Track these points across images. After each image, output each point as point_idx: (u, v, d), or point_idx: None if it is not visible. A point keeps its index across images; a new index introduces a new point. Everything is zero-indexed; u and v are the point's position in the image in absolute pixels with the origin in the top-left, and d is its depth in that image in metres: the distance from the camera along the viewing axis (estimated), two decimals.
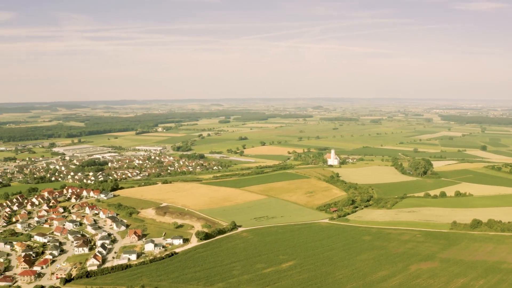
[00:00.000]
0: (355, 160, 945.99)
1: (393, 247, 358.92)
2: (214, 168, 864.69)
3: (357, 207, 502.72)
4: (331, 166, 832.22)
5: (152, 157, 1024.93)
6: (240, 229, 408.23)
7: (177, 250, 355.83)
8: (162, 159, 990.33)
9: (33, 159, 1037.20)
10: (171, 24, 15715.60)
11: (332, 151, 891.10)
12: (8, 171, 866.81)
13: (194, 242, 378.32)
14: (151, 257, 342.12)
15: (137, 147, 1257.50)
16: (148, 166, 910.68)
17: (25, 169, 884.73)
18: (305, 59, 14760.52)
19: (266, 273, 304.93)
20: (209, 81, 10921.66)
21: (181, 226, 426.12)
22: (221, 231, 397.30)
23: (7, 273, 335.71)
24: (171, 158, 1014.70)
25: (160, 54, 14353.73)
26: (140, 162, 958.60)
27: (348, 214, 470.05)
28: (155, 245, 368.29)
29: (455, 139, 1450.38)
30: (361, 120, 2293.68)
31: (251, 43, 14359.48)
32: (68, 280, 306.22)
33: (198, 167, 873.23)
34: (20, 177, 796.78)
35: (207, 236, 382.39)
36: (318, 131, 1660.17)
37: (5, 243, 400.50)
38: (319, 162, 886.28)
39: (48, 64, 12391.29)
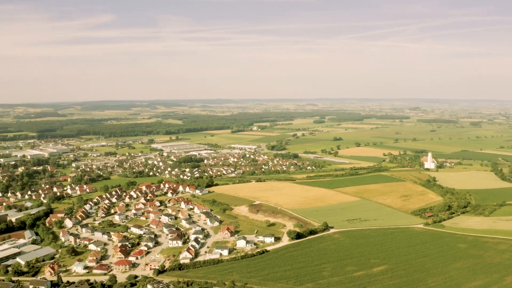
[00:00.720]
0: (452, 164, 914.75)
1: (489, 256, 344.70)
2: (308, 168, 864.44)
3: (453, 213, 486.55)
4: (427, 169, 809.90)
5: (247, 155, 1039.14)
6: (332, 230, 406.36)
7: (268, 248, 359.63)
8: (256, 158, 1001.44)
9: (132, 154, 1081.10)
10: (267, 24, 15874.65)
11: (429, 154, 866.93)
12: (109, 165, 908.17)
13: (285, 241, 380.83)
14: (242, 254, 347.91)
15: (232, 145, 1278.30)
16: (242, 164, 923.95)
17: (124, 163, 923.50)
18: (401, 59, 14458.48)
19: (357, 276, 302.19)
20: (304, 81, 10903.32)
21: (273, 224, 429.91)
22: (313, 232, 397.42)
23: (104, 262, 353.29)
24: (265, 156, 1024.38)
25: (255, 54, 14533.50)
26: (235, 160, 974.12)
27: (444, 220, 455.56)
28: (247, 242, 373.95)
29: None
30: (460, 122, 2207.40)
31: (347, 42, 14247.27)
32: (161, 271, 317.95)
33: (292, 166, 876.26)
34: (120, 171, 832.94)
35: (298, 235, 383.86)
36: (415, 133, 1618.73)
37: (103, 233, 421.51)
38: (415, 165, 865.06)
39: (147, 64, 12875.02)
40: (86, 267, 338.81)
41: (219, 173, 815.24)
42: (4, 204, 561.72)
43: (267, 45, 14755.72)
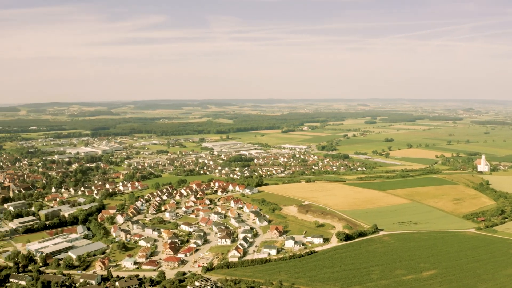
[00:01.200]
0: (507, 167, 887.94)
1: None
2: (358, 169, 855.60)
3: (506, 218, 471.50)
4: (480, 172, 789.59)
5: (297, 156, 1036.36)
6: (381, 233, 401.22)
7: (316, 249, 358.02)
8: (306, 158, 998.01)
9: (183, 153, 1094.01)
10: (317, 24, 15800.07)
11: (483, 157, 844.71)
12: (160, 163, 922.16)
13: (334, 242, 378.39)
14: (290, 254, 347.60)
15: (282, 145, 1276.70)
16: (292, 164, 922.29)
17: (175, 161, 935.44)
18: (453, 58, 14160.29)
19: (405, 280, 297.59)
20: (355, 81, 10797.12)
21: (322, 225, 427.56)
22: (362, 234, 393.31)
23: (153, 258, 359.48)
24: (316, 157, 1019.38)
25: (306, 54, 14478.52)
26: (285, 160, 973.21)
27: (496, 225, 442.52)
28: (295, 242, 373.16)
29: None
30: None
31: (398, 42, 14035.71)
32: (209, 269, 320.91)
33: (342, 167, 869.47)
34: (171, 169, 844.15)
35: (347, 237, 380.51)
36: (468, 134, 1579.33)
37: (153, 230, 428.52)
38: (468, 168, 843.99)
39: (198, 64, 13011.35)
40: (135, 263, 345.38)
41: (268, 172, 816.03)
42: (58, 199, 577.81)
43: (317, 45, 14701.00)
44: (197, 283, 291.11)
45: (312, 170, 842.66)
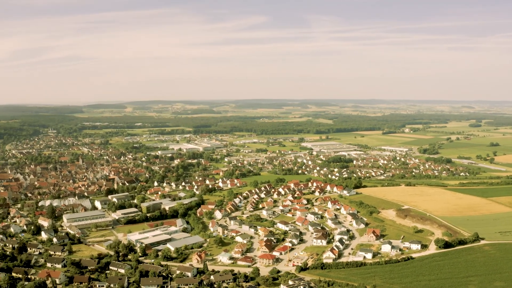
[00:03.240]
0: None
1: None
2: (461, 174, 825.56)
3: None
4: None
5: (397, 158, 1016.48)
6: (482, 242, 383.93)
7: (413, 255, 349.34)
8: (407, 161, 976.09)
9: (282, 152, 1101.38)
10: (419, 22, 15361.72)
11: None
12: (259, 161, 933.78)
13: (432, 249, 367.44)
14: (386, 258, 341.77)
15: (382, 147, 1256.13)
16: (392, 166, 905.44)
17: (274, 160, 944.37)
18: None
19: None
20: (459, 81, 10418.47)
21: (420, 231, 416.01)
22: (462, 242, 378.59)
23: (248, 254, 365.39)
24: (417, 160, 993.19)
25: (407, 54, 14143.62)
26: (385, 162, 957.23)
27: None
28: (392, 247, 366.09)
29: None
30: None
31: (506, 41, 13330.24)
32: (303, 268, 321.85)
33: (444, 171, 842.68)
34: (270, 168, 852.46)
35: (446, 245, 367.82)
36: None
37: (250, 227, 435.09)
38: None
39: (298, 63, 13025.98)
40: (231, 258, 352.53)
41: (367, 174, 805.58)
42: (160, 193, 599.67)
43: (419, 44, 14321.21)
44: (290, 282, 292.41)
45: (413, 173, 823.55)
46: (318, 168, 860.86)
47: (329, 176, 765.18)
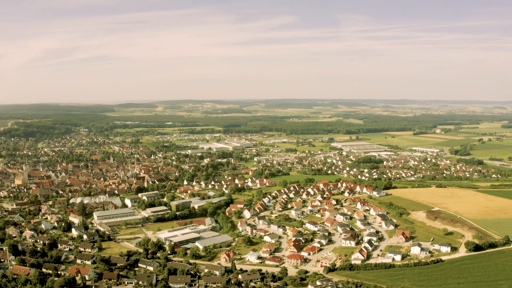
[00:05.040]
0: None
1: None
2: (493, 176, 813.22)
3: None
4: None
5: (428, 159, 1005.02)
6: None
7: (443, 258, 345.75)
8: (438, 162, 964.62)
9: (312, 152, 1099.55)
10: (452, 21, 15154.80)
11: None
12: (289, 161, 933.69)
13: (462, 252, 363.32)
14: (415, 261, 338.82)
15: (413, 148, 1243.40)
16: (423, 167, 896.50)
17: (304, 160, 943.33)
18: None
19: None
20: (491, 81, 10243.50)
21: (450, 233, 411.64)
22: (492, 245, 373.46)
23: (276, 254, 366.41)
24: (448, 161, 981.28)
25: (439, 53, 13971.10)
26: (415, 163, 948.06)
27: None
28: (422, 249, 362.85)
29: None
30: None
31: None
32: (331, 269, 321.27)
33: (476, 173, 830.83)
34: (299, 168, 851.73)
35: (477, 247, 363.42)
36: None
37: (279, 226, 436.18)
38: None
39: (328, 63, 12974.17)
40: (259, 257, 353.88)
41: (398, 175, 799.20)
42: (189, 191, 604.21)
43: (451, 43, 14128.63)
44: (318, 283, 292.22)
45: (444, 175, 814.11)
46: (347, 168, 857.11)
47: (359, 176, 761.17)
